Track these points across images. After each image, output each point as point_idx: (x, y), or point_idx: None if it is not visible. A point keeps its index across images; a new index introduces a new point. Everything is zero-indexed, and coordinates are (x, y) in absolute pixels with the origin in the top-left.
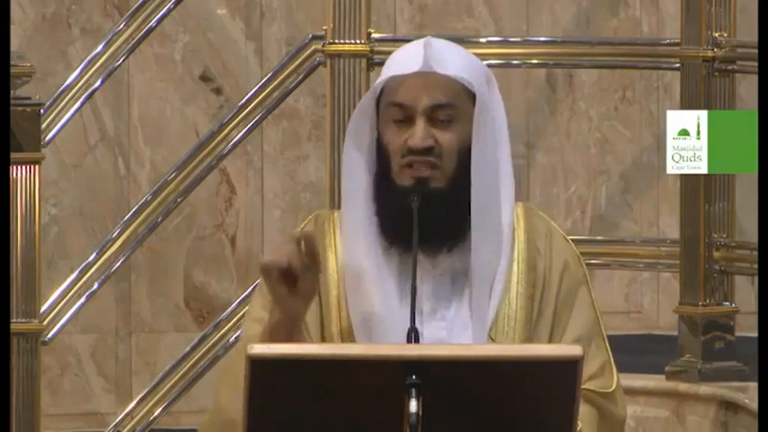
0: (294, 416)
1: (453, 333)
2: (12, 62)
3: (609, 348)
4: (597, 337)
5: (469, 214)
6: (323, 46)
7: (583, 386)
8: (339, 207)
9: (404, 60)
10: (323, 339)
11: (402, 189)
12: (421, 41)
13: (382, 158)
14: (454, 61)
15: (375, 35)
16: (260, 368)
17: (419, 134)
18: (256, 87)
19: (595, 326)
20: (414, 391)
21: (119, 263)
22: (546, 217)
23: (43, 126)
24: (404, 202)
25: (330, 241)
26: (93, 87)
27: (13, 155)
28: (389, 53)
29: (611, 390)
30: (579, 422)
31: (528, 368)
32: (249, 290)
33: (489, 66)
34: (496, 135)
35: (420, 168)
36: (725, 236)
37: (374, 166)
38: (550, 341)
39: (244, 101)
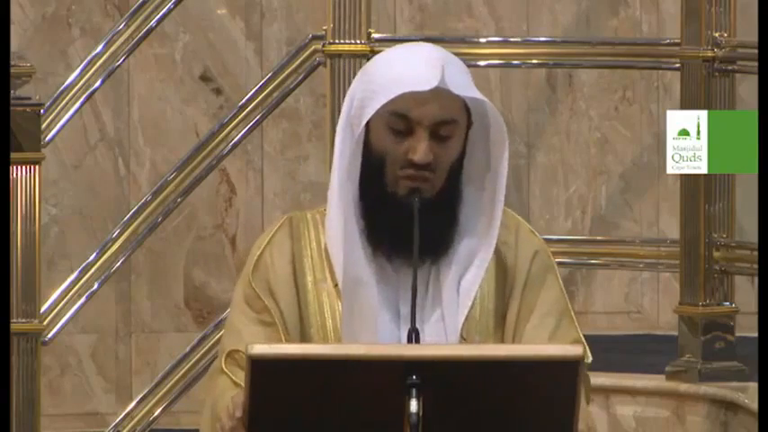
0: (294, 416)
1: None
2: (12, 62)
3: (579, 331)
4: (567, 316)
5: (455, 226)
6: (323, 46)
7: None
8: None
9: (419, 76)
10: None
11: (399, 199)
12: (426, 51)
13: (371, 163)
14: (463, 80)
15: (375, 35)
16: (260, 368)
17: (423, 149)
18: (256, 87)
19: (565, 307)
20: (414, 391)
21: (119, 263)
22: (513, 213)
23: (43, 126)
24: (402, 211)
25: (307, 246)
26: (93, 87)
27: (13, 155)
28: None
29: (589, 361)
30: None
31: (528, 368)
32: None
33: (489, 66)
34: (492, 149)
35: (416, 180)
36: (725, 236)
37: (356, 170)
38: (517, 322)
39: (244, 101)
